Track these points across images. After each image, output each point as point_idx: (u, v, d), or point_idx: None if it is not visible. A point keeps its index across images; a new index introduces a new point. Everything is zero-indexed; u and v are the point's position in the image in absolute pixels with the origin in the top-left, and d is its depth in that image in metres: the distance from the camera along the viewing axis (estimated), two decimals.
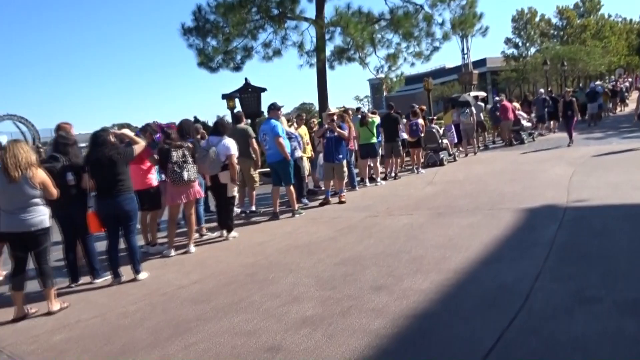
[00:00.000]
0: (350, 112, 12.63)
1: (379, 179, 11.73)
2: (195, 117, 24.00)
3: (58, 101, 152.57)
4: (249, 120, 14.54)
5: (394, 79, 21.52)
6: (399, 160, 13.11)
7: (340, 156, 9.42)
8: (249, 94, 17.72)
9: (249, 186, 9.38)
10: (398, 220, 7.29)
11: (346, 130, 9.68)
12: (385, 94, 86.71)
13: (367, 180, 11.70)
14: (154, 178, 6.90)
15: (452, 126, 16.33)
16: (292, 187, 8.69)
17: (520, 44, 57.63)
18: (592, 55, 37.55)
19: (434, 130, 14.60)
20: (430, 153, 14.53)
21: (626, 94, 30.23)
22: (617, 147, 13.03)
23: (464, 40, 31.84)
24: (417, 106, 16.55)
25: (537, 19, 57.94)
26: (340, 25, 15.95)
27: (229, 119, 17.77)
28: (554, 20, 58.26)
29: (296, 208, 8.74)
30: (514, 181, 9.67)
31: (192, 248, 6.73)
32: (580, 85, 36.23)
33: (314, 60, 17.30)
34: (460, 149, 16.45)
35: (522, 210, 6.98)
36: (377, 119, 12.29)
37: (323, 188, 10.30)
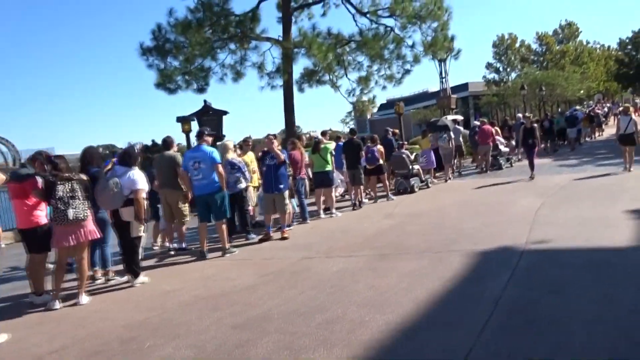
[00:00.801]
0: (304, 137, 11.75)
1: (334, 210, 10.76)
2: (153, 141, 23.01)
3: (40, 123, 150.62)
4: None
5: (366, 103, 20.85)
6: (361, 189, 12.20)
7: (282, 186, 8.44)
8: (210, 117, 16.83)
9: (178, 221, 8.33)
10: (334, 264, 6.28)
11: (290, 155, 8.71)
12: (368, 116, 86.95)
13: (321, 212, 10.73)
14: (42, 215, 5.83)
15: (431, 151, 15.62)
16: (223, 223, 7.67)
17: (501, 68, 57.85)
18: (570, 80, 37.46)
19: (403, 155, 13.77)
20: (401, 179, 13.72)
21: (604, 119, 29.92)
22: (591, 175, 12.28)
23: (442, 64, 31.62)
24: (392, 130, 15.94)
25: (517, 44, 58.36)
26: (303, 47, 15.16)
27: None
28: (534, 46, 58.77)
29: (227, 247, 7.70)
30: (477, 215, 8.76)
31: (84, 299, 5.64)
32: (560, 110, 35.98)
33: (276, 81, 16.45)
34: (436, 175, 15.68)
35: (475, 253, 6.03)
36: (331, 145, 11.44)
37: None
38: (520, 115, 22.84)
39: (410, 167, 13.65)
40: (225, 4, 15.81)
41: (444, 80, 31.79)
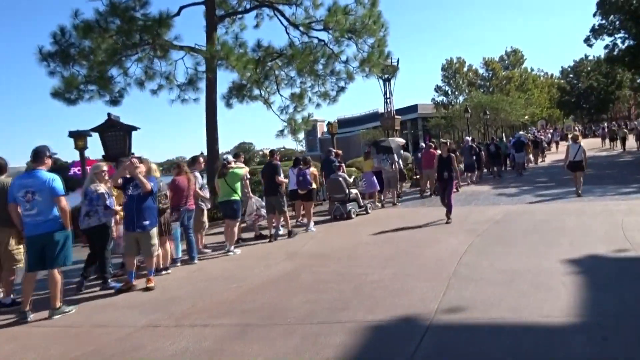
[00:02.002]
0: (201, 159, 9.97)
1: (232, 248, 8.99)
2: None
3: None
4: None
5: (300, 121, 19.33)
6: (281, 218, 10.59)
7: (146, 222, 6.57)
8: (115, 132, 14.74)
9: (6, 267, 6.32)
10: (175, 342, 4.50)
11: (155, 183, 6.87)
12: (319, 135, 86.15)
13: (231, 247, 9.00)
14: None
15: (372, 174, 14.47)
16: (57, 273, 5.74)
17: (449, 92, 58.38)
18: (514, 105, 37.59)
19: (340, 179, 12.44)
20: (337, 204, 12.41)
21: (546, 145, 29.78)
22: (529, 208, 11.12)
23: (386, 83, 30.80)
24: (334, 150, 14.68)
25: (465, 68, 59.16)
26: (221, 57, 13.47)
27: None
28: (481, 71, 59.70)
29: (57, 305, 5.74)
30: (392, 259, 7.21)
31: None
32: (503, 134, 35.86)
33: (188, 94, 14.62)
34: (376, 199, 14.49)
35: (365, 328, 4.40)
36: (241, 170, 9.73)
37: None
38: (468, 138, 22.00)
39: (348, 191, 12.38)
40: (134, 7, 13.93)
41: (388, 100, 30.96)
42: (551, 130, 46.55)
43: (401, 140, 22.62)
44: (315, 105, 18.77)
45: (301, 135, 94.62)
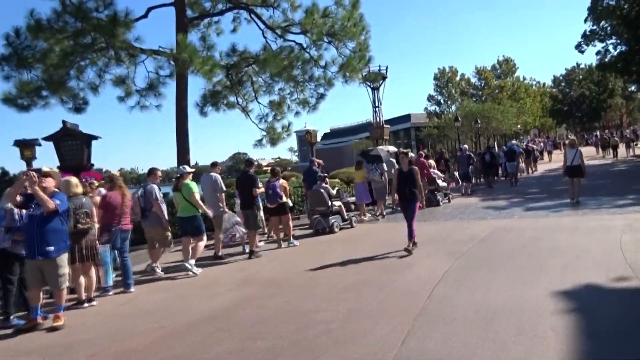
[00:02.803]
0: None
1: (192, 266, 7.93)
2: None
3: None
4: None
5: (279, 130, 18.32)
6: (256, 234, 9.73)
7: (51, 248, 5.44)
8: (71, 142, 13.62)
9: None
10: None
11: (65, 201, 5.74)
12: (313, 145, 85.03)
13: (191, 265, 7.95)
14: None
15: (362, 185, 13.73)
16: None
17: (442, 101, 57.62)
18: (506, 114, 36.75)
19: (321, 190, 11.69)
20: (319, 218, 11.69)
21: (539, 154, 28.88)
22: (518, 223, 10.06)
23: (375, 92, 29.81)
24: (317, 160, 13.85)
25: (457, 77, 58.50)
26: (183, 60, 12.42)
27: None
28: (473, 80, 59.03)
29: None
30: (351, 291, 6.09)
31: None
32: (495, 143, 34.99)
33: (149, 100, 13.52)
34: (363, 212, 13.66)
35: None
36: (194, 188, 8.67)
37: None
38: (466, 146, 21.14)
39: (330, 203, 11.61)
40: (97, 8, 12.86)
41: (377, 109, 29.85)
42: (543, 139, 45.79)
43: (392, 148, 21.67)
44: (294, 114, 17.83)
45: (295, 145, 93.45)
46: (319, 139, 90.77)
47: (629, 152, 30.36)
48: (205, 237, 8.72)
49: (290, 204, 12.33)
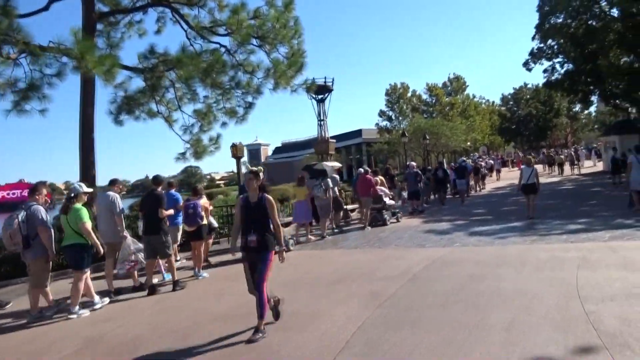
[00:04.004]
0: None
1: (73, 308, 5.99)
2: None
3: None
4: None
5: (206, 142, 16.42)
6: (165, 262, 8.08)
7: None
8: None
9: None
10: None
11: None
12: (262, 159, 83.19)
13: (73, 307, 6.05)
14: None
15: (304, 202, 12.57)
16: None
17: (393, 116, 57.22)
18: (455, 130, 36.26)
19: None
20: None
21: (487, 172, 28.23)
22: (459, 254, 8.62)
23: (320, 104, 28.46)
24: (257, 168, 12.07)
25: (409, 94, 58.37)
26: (73, 57, 10.43)
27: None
28: (425, 97, 59.07)
29: None
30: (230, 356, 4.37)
31: None
32: (444, 160, 34.28)
33: (32, 104, 11.35)
34: (296, 233, 12.56)
35: None
36: (85, 216, 6.79)
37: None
38: (413, 163, 20.03)
39: None
40: None
41: (322, 123, 28.47)
42: (491, 157, 45.82)
43: (337, 164, 20.15)
44: (221, 124, 16.02)
45: (245, 158, 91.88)
46: (269, 153, 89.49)
47: (574, 171, 30.67)
48: (86, 273, 6.83)
49: (215, 225, 11.15)
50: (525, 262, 7.42)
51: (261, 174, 5.58)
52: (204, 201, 9.81)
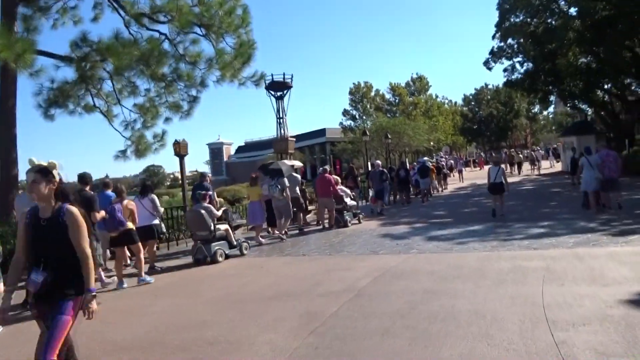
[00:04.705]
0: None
1: None
2: None
3: None
4: None
5: (151, 139, 15.13)
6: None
7: None
8: None
9: None
10: None
11: None
12: (225, 158, 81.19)
13: None
14: None
15: (257, 203, 11.94)
16: None
17: (357, 116, 56.67)
18: (417, 130, 35.82)
19: (202, 211, 9.47)
20: (200, 244, 9.62)
21: (448, 172, 27.82)
22: (414, 263, 7.75)
23: (279, 101, 27.38)
24: (209, 175, 12.03)
25: (372, 93, 57.95)
26: None
27: None
28: (388, 96, 58.79)
29: None
30: None
31: None
32: (406, 159, 33.78)
33: None
34: (258, 235, 11.74)
35: None
36: None
37: None
38: (379, 162, 19.34)
39: (213, 227, 9.47)
40: None
41: (282, 120, 27.34)
42: (453, 157, 45.80)
43: (298, 163, 19.17)
44: (164, 120, 14.79)
45: (206, 157, 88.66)
46: (232, 152, 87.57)
47: (533, 171, 30.93)
48: None
49: (163, 229, 10.29)
50: (485, 273, 6.60)
51: (57, 173, 3.34)
52: (126, 203, 8.68)
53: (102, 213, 7.83)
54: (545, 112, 65.39)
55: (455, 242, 9.30)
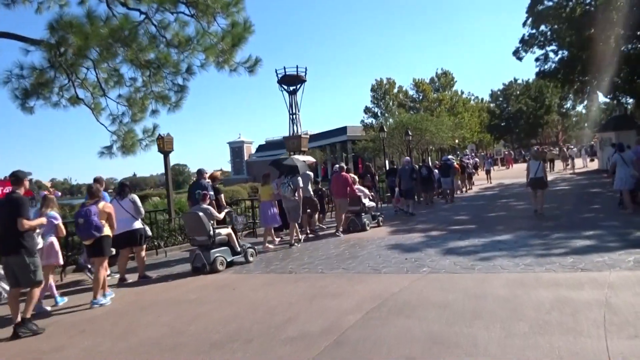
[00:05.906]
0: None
1: None
2: None
3: None
4: None
5: (140, 134, 13.65)
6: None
7: None
8: None
9: None
10: None
11: None
12: (245, 158, 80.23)
13: None
14: None
15: (268, 204, 10.81)
16: None
17: (379, 113, 54.61)
18: (441, 126, 33.59)
19: (200, 213, 8.45)
20: (198, 252, 8.54)
21: (473, 171, 25.67)
22: (422, 290, 5.96)
23: (291, 96, 25.65)
24: (206, 172, 10.54)
25: (395, 89, 55.79)
26: None
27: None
28: (411, 92, 56.52)
29: None
30: None
31: None
32: (429, 158, 31.69)
33: None
34: (266, 239, 10.70)
35: None
36: None
37: None
38: (408, 158, 17.78)
39: (211, 232, 8.44)
40: None
41: (294, 116, 25.56)
42: (480, 154, 43.36)
43: (310, 159, 17.60)
44: (150, 113, 13.29)
45: (227, 157, 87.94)
46: (253, 150, 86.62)
47: (567, 169, 28.94)
48: None
49: (149, 233, 9.27)
50: (518, 310, 4.77)
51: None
52: (102, 205, 7.25)
53: (42, 220, 6.35)
54: (578, 108, 62.05)
55: (478, 258, 7.46)
